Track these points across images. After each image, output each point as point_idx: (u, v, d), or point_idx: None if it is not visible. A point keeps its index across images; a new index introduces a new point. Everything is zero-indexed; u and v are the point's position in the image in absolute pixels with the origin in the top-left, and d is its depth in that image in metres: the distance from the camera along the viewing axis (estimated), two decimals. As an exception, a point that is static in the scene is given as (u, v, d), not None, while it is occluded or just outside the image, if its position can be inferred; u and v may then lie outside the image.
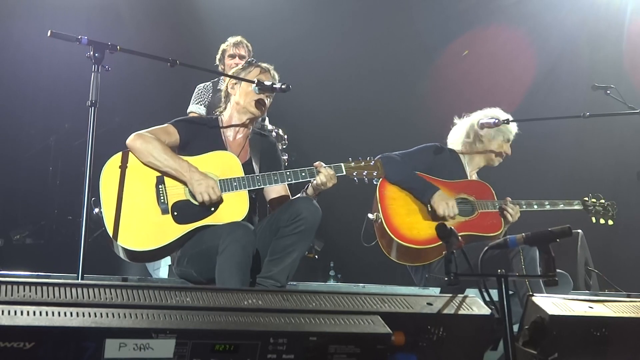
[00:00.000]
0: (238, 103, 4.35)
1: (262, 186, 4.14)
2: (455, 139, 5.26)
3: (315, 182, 4.15)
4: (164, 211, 3.92)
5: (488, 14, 8.61)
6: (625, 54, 8.40)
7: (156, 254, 3.99)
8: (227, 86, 4.44)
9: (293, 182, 4.15)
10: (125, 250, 3.83)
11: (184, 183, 4.00)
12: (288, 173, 4.14)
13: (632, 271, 7.29)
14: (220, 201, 3.98)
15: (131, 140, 4.03)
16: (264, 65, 4.44)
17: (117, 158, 4.00)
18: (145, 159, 3.99)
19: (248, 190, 4.09)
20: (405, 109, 8.63)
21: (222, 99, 4.48)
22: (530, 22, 8.63)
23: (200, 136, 4.22)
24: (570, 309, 2.85)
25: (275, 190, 4.39)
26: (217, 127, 4.36)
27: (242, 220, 3.99)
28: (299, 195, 4.30)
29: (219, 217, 3.97)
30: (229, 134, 4.38)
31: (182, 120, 4.28)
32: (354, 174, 4.25)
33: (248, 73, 4.38)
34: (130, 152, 4.03)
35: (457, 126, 5.29)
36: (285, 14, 8.60)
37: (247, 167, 4.22)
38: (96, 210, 3.87)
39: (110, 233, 3.79)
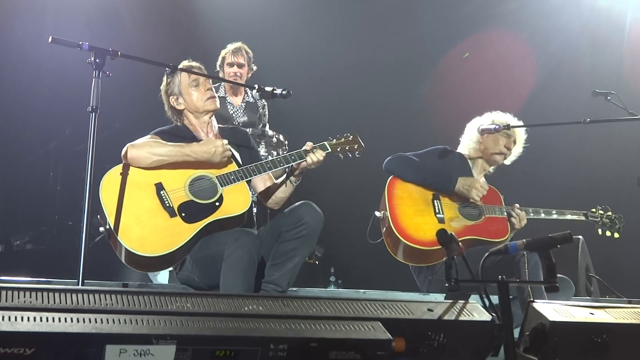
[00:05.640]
0: (195, 109, 4.37)
1: (258, 175, 4.20)
2: (463, 144, 5.29)
3: (305, 162, 4.22)
4: (172, 214, 3.95)
5: (489, 19, 8.62)
6: (625, 60, 8.41)
7: (174, 257, 3.98)
8: (170, 105, 4.42)
9: (285, 166, 4.23)
10: (145, 258, 3.83)
11: (196, 166, 4.06)
12: (279, 158, 4.23)
13: (633, 277, 7.30)
14: (226, 207, 4.04)
15: (126, 151, 4.03)
16: (189, 63, 4.42)
17: (111, 174, 4.01)
18: (147, 161, 4.00)
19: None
20: (407, 112, 8.64)
21: (171, 117, 4.48)
22: (531, 28, 8.65)
23: (181, 141, 4.22)
24: (571, 315, 2.85)
25: (262, 181, 4.45)
26: (192, 138, 4.35)
27: (247, 209, 4.06)
28: (282, 178, 4.37)
29: (226, 210, 4.03)
30: (201, 137, 4.38)
31: (161, 131, 4.29)
32: (338, 149, 4.36)
33: (179, 82, 4.36)
34: (123, 166, 4.03)
35: (466, 131, 5.31)
36: (287, 17, 8.61)
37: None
38: (102, 229, 3.89)
39: (127, 246, 3.79)
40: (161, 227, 3.91)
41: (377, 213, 4.89)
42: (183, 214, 3.96)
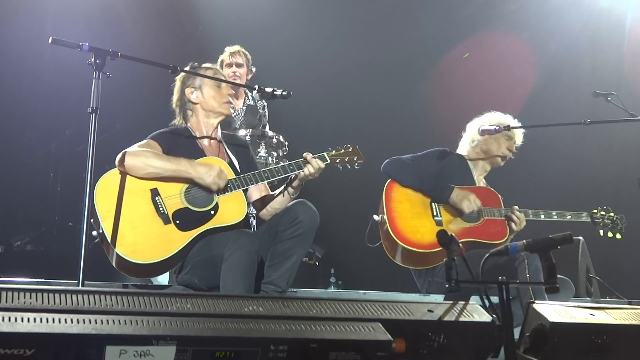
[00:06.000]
0: (210, 109, 4.34)
1: (255, 184, 4.18)
2: (463, 145, 5.29)
3: (303, 173, 4.20)
4: (166, 221, 3.92)
5: (490, 20, 8.62)
6: (626, 60, 8.42)
7: (166, 264, 3.97)
8: (182, 95, 4.37)
9: (283, 176, 4.20)
10: (137, 265, 3.80)
11: (189, 182, 3.99)
12: (277, 168, 4.21)
13: (634, 278, 7.29)
14: (221, 216, 4.00)
15: (121, 158, 3.97)
16: (210, 65, 4.48)
17: (106, 178, 3.96)
18: (142, 172, 3.95)
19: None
20: (407, 113, 8.65)
21: (180, 112, 4.42)
22: (532, 29, 8.65)
23: (179, 146, 4.20)
24: (572, 316, 2.85)
25: (258, 191, 4.42)
26: (191, 137, 4.34)
27: (243, 218, 4.04)
28: (281, 188, 4.34)
29: (221, 219, 4.01)
30: (203, 140, 4.37)
31: (159, 133, 4.24)
32: (337, 161, 4.36)
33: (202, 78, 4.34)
34: (118, 171, 3.98)
35: (466, 132, 5.30)
36: (287, 18, 8.61)
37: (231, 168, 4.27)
38: (94, 232, 3.85)
39: (119, 251, 3.76)
40: (155, 234, 3.88)
41: (375, 217, 4.89)
42: (177, 222, 3.94)
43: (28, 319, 1.97)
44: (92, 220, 3.82)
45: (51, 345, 1.96)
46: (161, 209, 3.94)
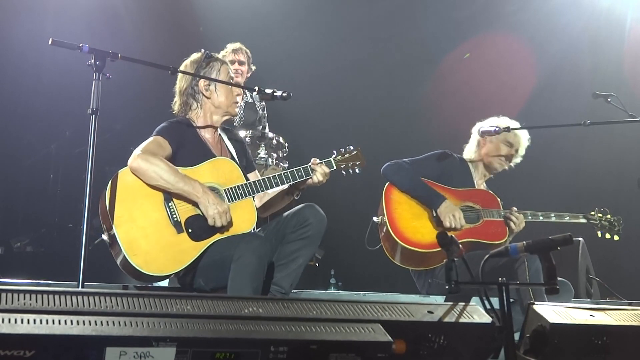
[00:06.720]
0: (218, 106, 4.28)
1: (265, 190, 4.15)
2: (467, 148, 5.29)
3: (311, 180, 4.19)
4: (179, 230, 3.86)
5: (490, 21, 8.63)
6: (626, 60, 8.42)
7: (177, 274, 3.97)
8: (193, 84, 4.28)
9: (292, 182, 4.18)
10: (149, 275, 3.79)
11: (194, 203, 3.94)
12: (286, 174, 4.16)
13: (634, 279, 7.30)
14: (230, 225, 3.97)
15: (134, 161, 3.88)
16: (222, 58, 4.46)
17: (119, 177, 3.88)
18: (152, 182, 3.87)
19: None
20: (408, 113, 8.66)
21: (183, 100, 4.32)
22: (532, 29, 8.66)
23: (185, 140, 4.14)
24: (572, 317, 2.85)
25: (259, 197, 4.38)
26: (192, 128, 4.27)
27: (251, 229, 4.03)
28: (284, 188, 4.30)
29: (231, 229, 3.97)
30: (206, 134, 4.32)
31: (166, 129, 4.15)
32: (342, 166, 4.34)
33: (218, 71, 4.28)
34: (129, 171, 3.90)
35: (472, 134, 5.31)
36: (287, 18, 8.61)
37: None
38: (104, 236, 3.80)
39: (133, 263, 3.72)
40: (167, 244, 3.82)
41: (375, 218, 4.90)
42: (190, 230, 3.88)
43: (28, 321, 1.97)
44: (104, 225, 3.80)
45: (51, 346, 1.96)
46: (174, 215, 3.88)
